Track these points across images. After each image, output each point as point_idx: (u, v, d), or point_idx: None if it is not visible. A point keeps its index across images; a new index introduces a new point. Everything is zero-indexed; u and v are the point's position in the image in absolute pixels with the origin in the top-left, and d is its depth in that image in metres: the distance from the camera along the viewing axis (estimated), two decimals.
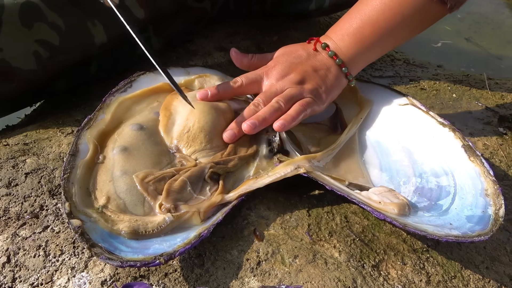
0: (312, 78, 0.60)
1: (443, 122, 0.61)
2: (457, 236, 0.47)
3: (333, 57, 0.61)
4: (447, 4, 0.58)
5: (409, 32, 0.63)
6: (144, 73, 0.65)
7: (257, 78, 0.60)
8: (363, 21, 0.60)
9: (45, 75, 0.65)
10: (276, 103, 0.57)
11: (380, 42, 0.62)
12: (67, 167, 0.50)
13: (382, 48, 0.64)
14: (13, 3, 0.59)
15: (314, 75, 0.60)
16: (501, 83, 0.89)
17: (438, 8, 0.59)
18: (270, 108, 0.57)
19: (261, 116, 0.56)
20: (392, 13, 0.59)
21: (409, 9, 0.59)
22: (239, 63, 0.65)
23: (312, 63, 0.61)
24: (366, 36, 0.61)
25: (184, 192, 0.50)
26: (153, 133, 0.56)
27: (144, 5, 0.70)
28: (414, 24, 0.61)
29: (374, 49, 0.63)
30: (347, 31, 0.61)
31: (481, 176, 0.54)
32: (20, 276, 0.45)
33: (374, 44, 0.62)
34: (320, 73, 0.60)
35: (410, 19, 0.60)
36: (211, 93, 0.59)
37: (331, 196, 0.55)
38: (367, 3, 0.61)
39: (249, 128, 0.55)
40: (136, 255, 0.43)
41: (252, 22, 0.92)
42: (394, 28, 0.60)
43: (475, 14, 1.33)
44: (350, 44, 0.61)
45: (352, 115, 0.65)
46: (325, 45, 0.61)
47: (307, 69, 0.60)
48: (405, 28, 0.61)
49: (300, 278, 0.45)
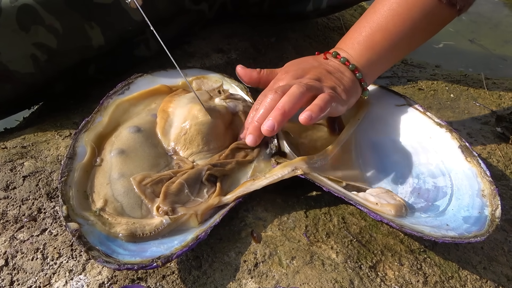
0: (329, 78, 0.57)
1: (440, 123, 0.61)
2: (454, 237, 0.47)
3: (345, 63, 0.59)
4: (457, 6, 0.58)
5: (420, 36, 0.62)
6: (142, 75, 0.65)
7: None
8: (372, 28, 0.59)
9: (42, 78, 0.65)
10: (296, 89, 0.52)
11: (392, 49, 0.61)
12: (65, 170, 0.50)
13: (394, 55, 0.63)
14: (10, 6, 0.59)
15: (330, 76, 0.58)
16: (498, 83, 0.89)
17: (447, 11, 0.59)
18: (291, 96, 0.52)
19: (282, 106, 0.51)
20: (402, 18, 0.58)
21: (418, 14, 0.58)
22: (248, 78, 0.62)
23: (325, 67, 0.59)
24: (377, 43, 0.59)
25: (181, 194, 0.50)
26: (150, 136, 0.57)
27: (142, 7, 0.70)
28: (425, 28, 0.61)
29: (386, 56, 0.62)
30: (357, 40, 0.60)
31: (477, 176, 0.54)
32: (18, 279, 0.45)
33: (386, 50, 0.60)
34: (336, 75, 0.58)
35: (420, 23, 0.59)
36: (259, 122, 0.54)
37: (328, 198, 0.55)
38: (375, 11, 0.60)
39: (267, 131, 0.51)
40: (134, 258, 0.43)
41: (250, 24, 0.92)
42: (405, 34, 0.59)
43: (473, 13, 1.33)
44: (361, 51, 0.60)
45: (349, 116, 0.65)
46: (335, 53, 0.60)
47: (321, 71, 0.58)
48: (416, 33, 0.60)
49: (297, 280, 0.45)
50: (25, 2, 0.60)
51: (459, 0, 0.57)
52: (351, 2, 0.89)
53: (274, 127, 0.51)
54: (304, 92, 0.53)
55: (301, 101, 0.52)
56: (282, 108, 0.51)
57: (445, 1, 0.57)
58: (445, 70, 0.99)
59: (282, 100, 0.52)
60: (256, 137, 0.53)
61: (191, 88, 0.59)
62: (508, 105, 0.80)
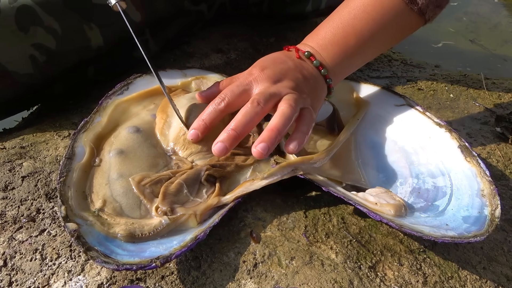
0: (306, 86, 0.55)
1: (439, 123, 0.61)
2: (453, 237, 0.47)
3: (318, 67, 0.57)
4: (425, 16, 0.59)
5: (388, 43, 0.62)
6: (141, 76, 0.65)
7: (245, 87, 0.53)
8: (347, 31, 0.58)
9: (41, 78, 0.65)
10: (288, 109, 0.50)
11: (362, 54, 0.60)
12: (63, 170, 0.50)
13: (363, 59, 0.62)
14: (9, 7, 0.59)
15: (306, 84, 0.55)
16: (498, 82, 0.89)
17: (417, 19, 0.59)
18: (284, 117, 0.49)
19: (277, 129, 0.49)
20: (376, 23, 0.57)
21: (391, 20, 0.58)
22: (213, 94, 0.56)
23: (300, 71, 0.56)
24: (351, 47, 0.58)
25: (180, 194, 0.50)
26: (149, 136, 0.57)
27: (141, 8, 0.70)
28: (394, 35, 0.61)
29: (356, 60, 0.61)
30: (331, 41, 0.58)
31: (477, 176, 0.54)
32: (17, 279, 0.45)
33: (357, 55, 0.59)
34: (311, 82, 0.56)
35: (391, 29, 0.59)
36: (201, 132, 0.52)
37: (328, 198, 0.55)
38: (349, 12, 0.58)
39: (260, 154, 0.48)
40: (132, 258, 0.43)
41: (249, 24, 0.92)
42: (376, 39, 0.59)
43: (472, 14, 1.33)
44: (335, 54, 0.58)
45: (349, 116, 0.65)
46: (309, 54, 0.57)
47: (298, 77, 0.55)
48: (386, 39, 0.61)
49: (296, 280, 0.45)
50: (24, 3, 0.60)
51: (428, 10, 0.58)
52: None
53: (268, 149, 0.48)
54: (294, 113, 0.51)
55: (292, 122, 0.50)
56: (276, 130, 0.49)
57: (416, 10, 0.58)
58: (444, 70, 0.99)
59: (274, 120, 0.50)
60: (229, 147, 0.49)
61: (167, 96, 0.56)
62: (508, 105, 0.80)
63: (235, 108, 0.53)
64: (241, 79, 0.54)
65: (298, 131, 0.51)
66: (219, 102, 0.52)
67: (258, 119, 0.51)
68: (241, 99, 0.53)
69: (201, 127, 0.52)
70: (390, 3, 0.57)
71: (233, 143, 0.49)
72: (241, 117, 0.50)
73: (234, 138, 0.49)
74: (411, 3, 0.57)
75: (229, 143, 0.49)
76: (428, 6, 0.57)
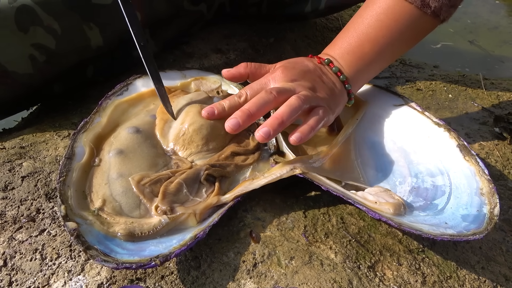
0: (323, 88, 0.57)
1: (438, 122, 0.61)
2: (452, 235, 0.47)
3: (337, 73, 0.59)
4: (440, 17, 0.59)
5: (405, 46, 0.63)
6: (141, 76, 0.65)
7: (263, 86, 0.56)
8: (361, 39, 0.60)
9: (41, 78, 0.65)
10: (296, 101, 0.52)
11: (379, 60, 0.62)
12: (63, 170, 0.50)
13: (381, 65, 0.64)
14: (8, 7, 0.59)
15: (324, 86, 0.58)
16: (496, 83, 0.89)
17: (431, 21, 0.60)
18: (290, 107, 0.51)
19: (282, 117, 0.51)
20: (390, 30, 0.59)
21: (404, 25, 0.59)
22: (238, 75, 0.59)
23: (319, 74, 0.59)
24: (366, 54, 0.60)
25: (180, 194, 0.50)
26: (149, 136, 0.57)
27: (140, 9, 0.70)
28: (410, 39, 0.62)
29: (374, 66, 0.63)
30: (347, 50, 0.60)
31: (476, 175, 0.54)
32: (17, 279, 0.45)
33: (374, 61, 0.61)
34: (329, 85, 0.58)
35: (406, 34, 0.60)
36: (218, 111, 0.55)
37: (327, 197, 0.55)
38: (363, 21, 0.60)
39: (262, 138, 0.50)
40: (132, 257, 0.43)
41: (249, 24, 0.92)
42: (392, 45, 0.60)
43: (471, 14, 1.33)
44: (352, 62, 0.60)
45: (348, 116, 0.65)
46: (328, 61, 0.60)
47: (316, 79, 0.58)
48: (402, 43, 0.62)
49: (296, 280, 0.45)
50: (23, 3, 0.60)
51: (443, 12, 0.59)
52: (349, 3, 0.89)
53: (270, 134, 0.50)
54: (302, 105, 0.52)
55: (298, 113, 0.52)
56: (280, 118, 0.51)
57: (430, 13, 0.58)
58: (443, 70, 1.00)
59: (281, 109, 0.51)
60: (242, 123, 0.51)
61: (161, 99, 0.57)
62: (506, 105, 0.80)
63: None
64: (262, 78, 0.57)
65: (304, 123, 0.52)
66: (239, 95, 0.55)
67: (270, 107, 0.52)
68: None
69: (220, 109, 0.55)
70: (402, 10, 0.58)
71: (246, 120, 0.51)
72: (255, 99, 0.52)
73: (247, 115, 0.51)
74: (423, 7, 0.58)
75: (242, 119, 0.51)
76: (441, 8, 0.58)
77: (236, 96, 0.56)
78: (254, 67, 0.60)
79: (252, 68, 0.59)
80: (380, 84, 0.78)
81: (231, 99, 0.56)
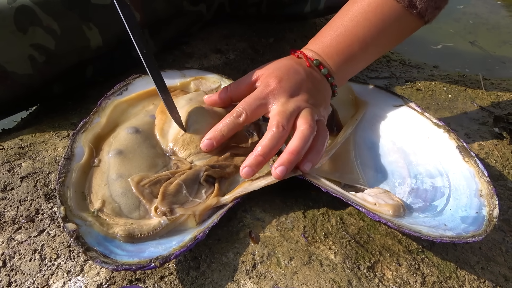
0: (317, 97, 0.58)
1: (438, 123, 0.61)
2: (452, 237, 0.47)
3: (326, 75, 0.60)
4: (425, 18, 0.60)
5: (389, 46, 0.65)
6: (140, 76, 0.65)
7: (262, 102, 0.55)
8: (351, 39, 0.60)
9: (40, 79, 0.65)
10: (308, 130, 0.52)
11: (365, 59, 0.63)
12: (62, 171, 0.50)
13: (365, 64, 0.65)
14: (8, 7, 0.59)
15: (318, 94, 0.58)
16: (496, 83, 0.89)
17: (417, 22, 0.61)
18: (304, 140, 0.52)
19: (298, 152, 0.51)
20: (377, 29, 0.60)
21: (391, 25, 0.60)
22: (219, 101, 0.59)
23: (312, 81, 0.58)
24: (354, 54, 0.61)
25: (179, 195, 0.50)
26: (149, 136, 0.57)
27: (140, 9, 0.70)
28: (395, 38, 0.63)
29: (359, 65, 0.64)
30: (336, 49, 0.60)
31: (475, 176, 0.54)
32: (16, 280, 0.45)
33: (360, 61, 0.63)
34: (321, 90, 0.59)
35: (392, 34, 0.61)
36: (217, 141, 0.54)
37: (326, 198, 0.55)
38: (351, 19, 0.60)
39: (279, 176, 0.50)
40: (132, 259, 0.43)
41: (248, 24, 0.92)
42: (378, 45, 0.62)
43: (470, 14, 1.33)
44: (340, 62, 0.61)
45: (347, 117, 0.65)
46: (317, 62, 0.60)
47: (311, 87, 0.57)
48: (387, 43, 0.63)
49: (295, 280, 0.45)
50: (23, 3, 0.60)
51: (428, 13, 0.59)
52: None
53: (287, 172, 0.50)
54: (313, 132, 0.53)
55: (310, 141, 0.52)
56: (296, 152, 0.51)
57: (416, 13, 0.59)
58: (443, 70, 0.99)
59: (295, 143, 0.51)
60: (254, 171, 0.51)
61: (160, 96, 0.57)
62: (506, 105, 0.80)
63: (252, 120, 0.56)
64: (258, 92, 0.55)
65: (313, 150, 0.53)
66: (237, 115, 0.54)
67: (283, 142, 0.53)
68: (258, 112, 0.55)
69: (218, 137, 0.54)
70: (390, 9, 0.59)
71: (260, 167, 0.51)
72: (267, 142, 0.52)
73: (261, 163, 0.51)
74: (410, 7, 0.59)
75: (257, 167, 0.51)
76: (427, 9, 0.59)
77: (234, 116, 0.54)
78: (233, 87, 0.59)
79: (232, 89, 0.59)
80: (379, 84, 0.78)
81: (229, 122, 0.54)
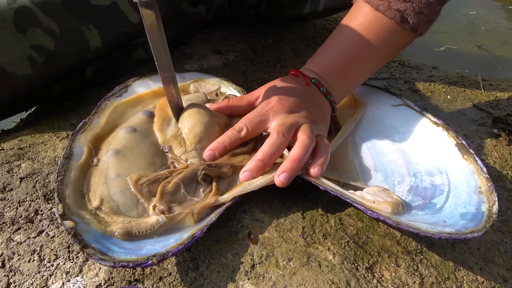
0: (316, 114, 0.59)
1: (436, 122, 0.61)
2: (451, 233, 0.47)
3: (325, 93, 0.61)
4: (418, 31, 0.61)
5: (384, 61, 0.67)
6: (140, 78, 0.65)
7: (262, 118, 0.57)
8: (348, 58, 0.62)
9: (40, 80, 0.66)
10: (307, 140, 0.54)
11: (362, 76, 0.65)
12: (61, 169, 0.50)
13: (362, 80, 0.67)
14: (7, 8, 0.59)
15: (317, 111, 0.59)
16: (495, 84, 0.89)
17: (410, 35, 0.62)
18: (305, 149, 0.53)
19: (299, 159, 0.52)
20: (372, 47, 0.61)
21: (385, 41, 0.61)
22: (219, 110, 0.60)
23: (311, 100, 0.60)
24: (351, 73, 0.63)
25: (177, 194, 0.50)
26: (146, 135, 0.57)
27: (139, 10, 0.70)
28: (390, 53, 0.65)
29: (356, 83, 0.66)
30: (333, 69, 0.62)
31: (474, 173, 0.54)
32: (15, 281, 0.45)
33: (357, 78, 0.65)
34: (320, 108, 0.60)
35: (387, 49, 0.63)
36: (219, 152, 0.55)
37: (325, 199, 0.55)
38: (347, 38, 0.62)
39: (282, 183, 0.50)
40: (129, 256, 0.43)
41: (248, 25, 0.92)
42: (373, 62, 0.64)
43: (470, 15, 1.33)
44: (338, 81, 0.62)
45: (346, 117, 0.65)
46: (316, 81, 0.61)
47: (310, 105, 0.59)
48: (382, 58, 0.65)
49: (294, 281, 0.45)
50: (22, 4, 0.60)
51: (420, 27, 0.60)
52: (348, 4, 0.89)
53: (290, 179, 0.51)
54: (312, 143, 0.54)
55: (310, 151, 0.54)
56: (298, 160, 0.52)
57: (408, 28, 0.60)
58: (442, 71, 1.00)
59: (296, 151, 0.52)
60: (254, 176, 0.52)
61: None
62: (505, 106, 0.80)
63: (253, 136, 0.57)
64: (259, 109, 0.58)
65: (319, 156, 0.54)
66: (239, 130, 0.56)
67: (283, 149, 0.54)
68: (259, 128, 0.57)
69: (220, 149, 0.55)
70: (382, 26, 0.60)
71: (260, 172, 0.52)
72: (268, 148, 0.53)
73: (261, 168, 0.52)
74: (402, 23, 0.60)
75: (256, 173, 0.52)
76: (419, 24, 0.60)
77: (236, 130, 0.56)
78: (235, 101, 0.61)
79: (233, 102, 0.61)
80: (378, 85, 0.78)
81: (231, 135, 0.55)
